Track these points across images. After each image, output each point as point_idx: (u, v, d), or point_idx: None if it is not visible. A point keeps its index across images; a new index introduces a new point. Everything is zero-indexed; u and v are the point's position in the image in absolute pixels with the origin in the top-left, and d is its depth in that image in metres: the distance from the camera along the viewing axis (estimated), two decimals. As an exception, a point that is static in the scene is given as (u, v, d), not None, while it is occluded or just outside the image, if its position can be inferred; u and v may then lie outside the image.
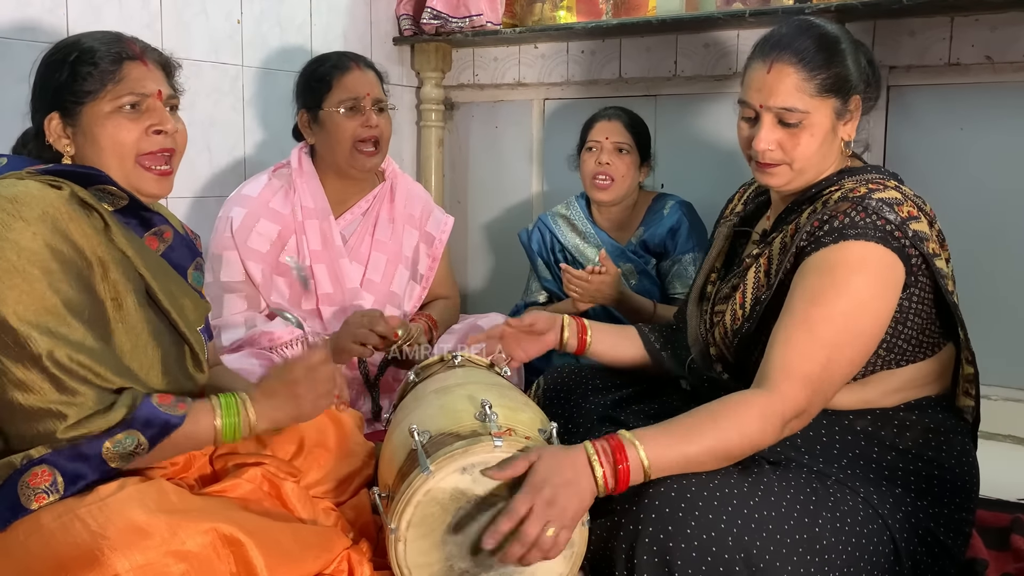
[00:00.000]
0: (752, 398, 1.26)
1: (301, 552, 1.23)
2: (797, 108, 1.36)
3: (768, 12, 2.35)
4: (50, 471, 1.15)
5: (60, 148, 1.32)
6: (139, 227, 1.37)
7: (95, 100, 1.30)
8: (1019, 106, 2.19)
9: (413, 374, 1.60)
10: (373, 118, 2.05)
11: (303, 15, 2.63)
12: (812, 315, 1.27)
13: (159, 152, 1.35)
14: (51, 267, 1.19)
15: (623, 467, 1.18)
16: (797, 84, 1.35)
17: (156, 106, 1.34)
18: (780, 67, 1.36)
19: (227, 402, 1.29)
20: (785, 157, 1.39)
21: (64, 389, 1.16)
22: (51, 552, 1.09)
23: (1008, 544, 1.59)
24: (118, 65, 1.31)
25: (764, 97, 1.37)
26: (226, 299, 2.04)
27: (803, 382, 1.25)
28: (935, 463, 1.35)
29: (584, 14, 2.88)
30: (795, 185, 1.42)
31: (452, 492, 1.20)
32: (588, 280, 2.05)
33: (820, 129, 1.37)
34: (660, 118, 2.66)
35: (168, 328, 1.37)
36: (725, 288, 1.51)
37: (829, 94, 1.37)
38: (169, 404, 1.23)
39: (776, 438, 1.25)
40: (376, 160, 2.09)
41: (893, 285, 1.30)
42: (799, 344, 1.27)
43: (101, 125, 1.31)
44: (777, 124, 1.38)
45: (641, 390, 1.73)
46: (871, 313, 1.28)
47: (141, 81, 1.33)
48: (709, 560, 1.17)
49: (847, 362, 1.29)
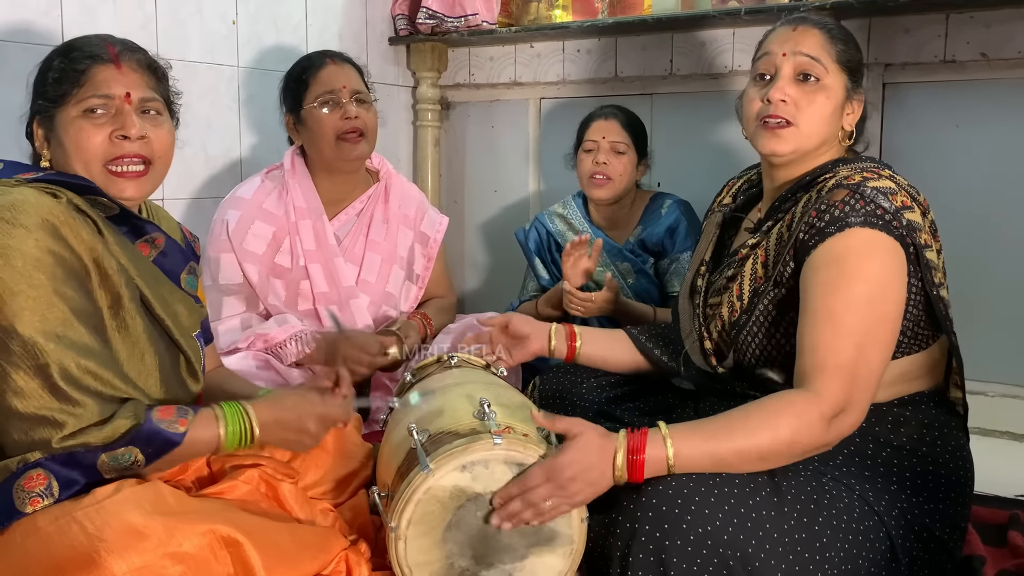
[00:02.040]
0: (789, 397, 1.24)
1: (299, 552, 1.23)
2: (820, 61, 1.38)
3: (764, 10, 2.35)
4: (45, 475, 1.15)
5: (41, 153, 1.32)
6: (131, 234, 1.37)
7: (64, 104, 1.28)
8: (1014, 103, 2.20)
9: (410, 375, 1.60)
10: (352, 109, 2.03)
11: (299, 15, 2.63)
12: (832, 307, 1.26)
13: (126, 157, 1.30)
14: (56, 273, 1.18)
15: (638, 458, 1.19)
16: (821, 43, 1.40)
17: (123, 110, 1.30)
18: (806, 27, 1.42)
19: (231, 413, 1.28)
20: (797, 115, 1.39)
21: (64, 398, 1.15)
22: (48, 555, 1.09)
23: (1005, 540, 1.59)
24: (85, 68, 1.28)
25: (791, 46, 1.40)
26: (224, 301, 2.04)
27: (838, 375, 1.23)
28: (930, 458, 1.35)
29: (580, 13, 2.87)
30: (795, 155, 1.41)
31: (452, 490, 1.20)
32: (592, 300, 2.07)
33: (834, 97, 1.40)
34: (656, 117, 2.66)
35: (162, 335, 1.36)
36: (720, 280, 1.50)
37: (845, 68, 1.41)
38: (171, 419, 1.22)
39: (823, 438, 1.22)
40: (362, 149, 2.07)
41: (901, 270, 1.29)
42: (826, 338, 1.25)
43: (66, 130, 1.29)
44: (795, 79, 1.40)
45: (637, 388, 1.74)
46: (890, 295, 1.27)
47: (107, 84, 1.29)
48: (704, 557, 1.16)
49: (880, 347, 1.27)
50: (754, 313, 1.39)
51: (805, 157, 1.41)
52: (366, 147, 2.08)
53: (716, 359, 1.48)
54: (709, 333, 1.49)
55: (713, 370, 1.49)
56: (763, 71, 1.43)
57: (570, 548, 1.23)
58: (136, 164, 1.32)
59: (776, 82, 1.39)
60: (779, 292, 1.37)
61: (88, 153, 1.28)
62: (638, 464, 1.19)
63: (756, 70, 1.45)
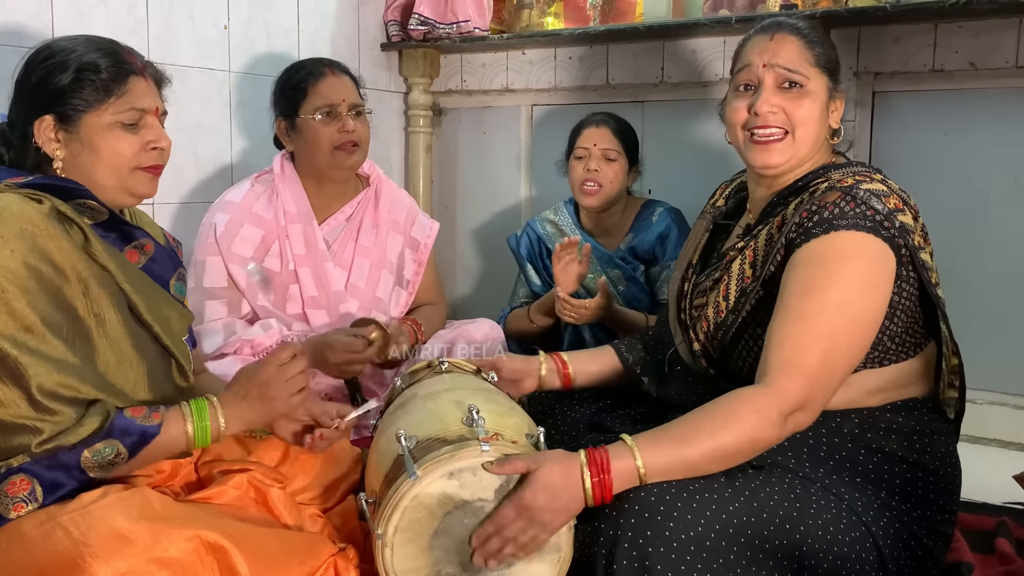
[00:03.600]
0: (748, 394, 1.25)
1: (286, 558, 1.22)
2: (800, 70, 1.39)
3: (754, 18, 2.36)
4: (28, 480, 1.15)
5: (49, 151, 1.31)
6: (119, 240, 1.36)
7: (96, 110, 1.30)
8: (1002, 112, 2.21)
9: (400, 380, 1.60)
10: (350, 123, 2.04)
11: (290, 21, 2.63)
12: (805, 307, 1.26)
13: (157, 166, 1.37)
14: (28, 285, 1.18)
15: (606, 478, 1.18)
16: (799, 51, 1.40)
17: (154, 122, 1.36)
18: (782, 35, 1.42)
19: (198, 407, 1.29)
20: (788, 122, 1.39)
21: (40, 408, 1.16)
22: (33, 560, 1.09)
23: (993, 547, 1.60)
24: (124, 78, 1.32)
25: (769, 57, 1.40)
26: (207, 305, 2.03)
27: (800, 374, 1.23)
28: (920, 466, 1.35)
29: (572, 20, 2.88)
30: (789, 164, 1.41)
31: (439, 497, 1.19)
32: (586, 307, 2.07)
33: (819, 99, 1.40)
34: (647, 124, 2.67)
35: (152, 341, 1.36)
36: (706, 282, 1.50)
37: (825, 70, 1.41)
38: (142, 416, 1.24)
39: (779, 434, 1.23)
40: (356, 159, 2.08)
41: (886, 274, 1.29)
42: (794, 337, 1.26)
43: (102, 136, 1.31)
44: (778, 88, 1.40)
45: (626, 396, 1.73)
46: (866, 302, 1.27)
47: (143, 97, 1.34)
48: (687, 564, 1.16)
49: (847, 352, 1.27)
50: (741, 314, 1.39)
51: (800, 154, 1.41)
52: (360, 157, 2.10)
53: (705, 360, 1.48)
54: (696, 335, 1.48)
55: (704, 371, 1.49)
56: (745, 82, 1.44)
57: (558, 556, 1.23)
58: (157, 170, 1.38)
59: (761, 93, 1.40)
60: (766, 292, 1.36)
61: (123, 159, 1.33)
62: (605, 484, 1.19)
63: (738, 81, 1.45)
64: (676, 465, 1.21)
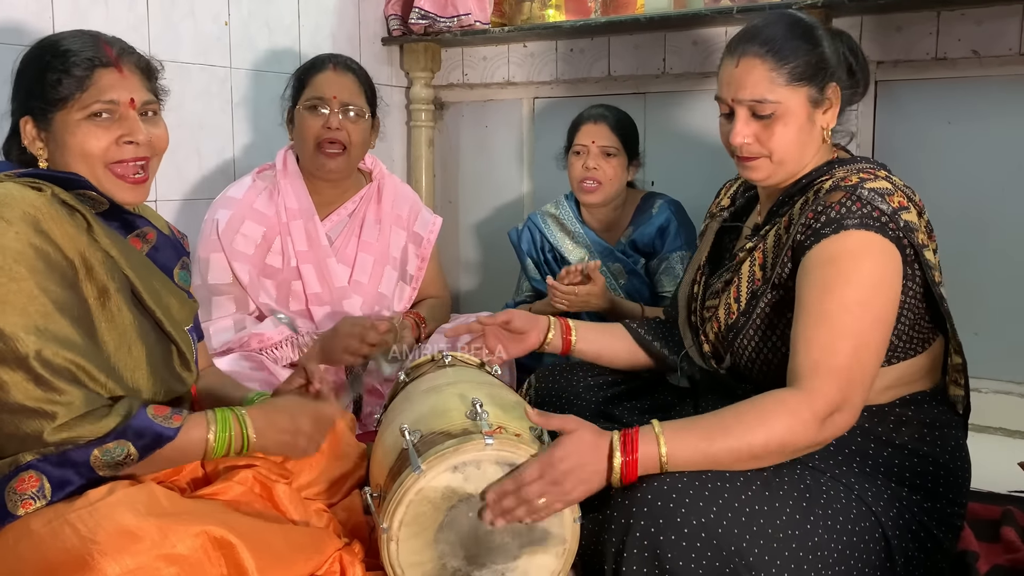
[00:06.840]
0: (782, 396, 1.24)
1: (292, 554, 1.23)
2: (767, 99, 1.36)
3: (755, 8, 2.35)
4: (37, 476, 1.15)
5: (34, 152, 1.31)
6: (121, 229, 1.37)
7: (66, 107, 1.28)
8: (1005, 100, 2.20)
9: (404, 374, 1.60)
10: (334, 120, 2.00)
11: (291, 16, 2.63)
12: (827, 308, 1.26)
13: (131, 161, 1.32)
14: (37, 266, 1.18)
15: (632, 459, 1.19)
16: (765, 75, 1.36)
17: (128, 115, 1.31)
18: (747, 60, 1.38)
19: (223, 418, 1.28)
20: (763, 149, 1.39)
21: (49, 387, 1.15)
22: (41, 557, 1.09)
23: (998, 536, 1.60)
24: (89, 72, 1.29)
25: (734, 91, 1.39)
26: (214, 301, 2.03)
27: (831, 375, 1.22)
28: (930, 458, 1.35)
29: (573, 12, 2.88)
30: (777, 178, 1.42)
31: (444, 491, 1.20)
32: (575, 293, 2.05)
33: (794, 119, 1.37)
34: (649, 115, 2.67)
35: (154, 327, 1.36)
36: (717, 283, 1.50)
37: (801, 82, 1.37)
38: (164, 416, 1.23)
39: (815, 437, 1.22)
40: (338, 163, 2.04)
41: (896, 271, 1.29)
42: (820, 339, 1.25)
43: (71, 133, 1.29)
44: (751, 117, 1.39)
45: (634, 386, 1.73)
46: (883, 299, 1.27)
47: (112, 89, 1.30)
48: (698, 552, 1.16)
49: (875, 349, 1.27)
50: (752, 316, 1.39)
51: (788, 168, 1.41)
52: (344, 161, 2.05)
53: (715, 361, 1.48)
54: (706, 336, 1.49)
55: (715, 371, 1.49)
56: (722, 110, 1.44)
57: (563, 548, 1.23)
58: (138, 170, 1.33)
59: (734, 126, 1.40)
60: (776, 294, 1.37)
61: (93, 156, 1.29)
62: (632, 464, 1.20)
63: (718, 103, 1.45)
64: (700, 459, 1.20)
